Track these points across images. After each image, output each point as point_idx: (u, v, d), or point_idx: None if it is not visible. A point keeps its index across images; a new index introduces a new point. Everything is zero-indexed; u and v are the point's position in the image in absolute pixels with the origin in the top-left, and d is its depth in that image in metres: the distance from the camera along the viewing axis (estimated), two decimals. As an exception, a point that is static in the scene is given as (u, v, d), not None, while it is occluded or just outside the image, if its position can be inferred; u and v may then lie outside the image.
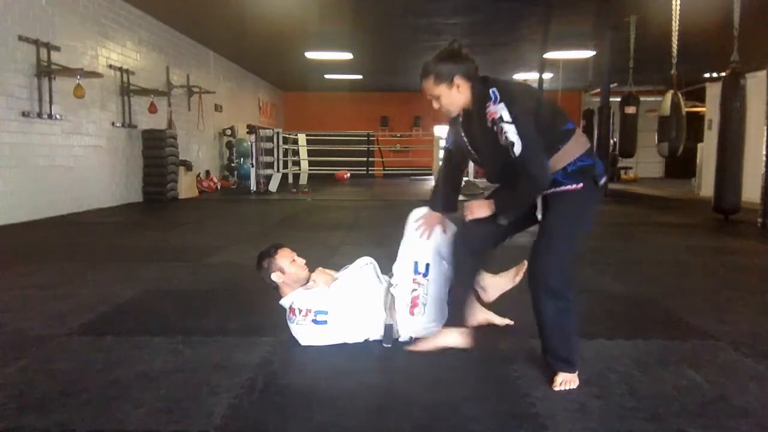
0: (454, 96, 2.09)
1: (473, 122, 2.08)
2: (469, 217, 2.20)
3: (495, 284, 2.61)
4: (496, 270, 2.63)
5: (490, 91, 1.98)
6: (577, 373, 2.05)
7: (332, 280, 2.55)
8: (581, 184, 2.02)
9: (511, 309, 2.78)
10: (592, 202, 2.11)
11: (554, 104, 2.22)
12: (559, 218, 2.06)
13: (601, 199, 2.18)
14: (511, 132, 1.93)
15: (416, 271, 2.41)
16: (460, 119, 2.17)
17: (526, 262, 2.63)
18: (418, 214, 2.48)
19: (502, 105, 1.95)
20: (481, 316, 2.68)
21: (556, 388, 2.00)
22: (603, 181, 2.08)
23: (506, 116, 1.94)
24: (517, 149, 1.93)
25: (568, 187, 2.02)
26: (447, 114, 2.18)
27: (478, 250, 2.29)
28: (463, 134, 2.18)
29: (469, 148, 2.19)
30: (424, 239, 2.41)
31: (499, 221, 2.14)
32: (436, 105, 2.16)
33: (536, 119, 1.98)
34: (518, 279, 2.58)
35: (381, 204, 9.48)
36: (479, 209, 2.17)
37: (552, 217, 2.08)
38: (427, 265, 2.41)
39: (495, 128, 1.97)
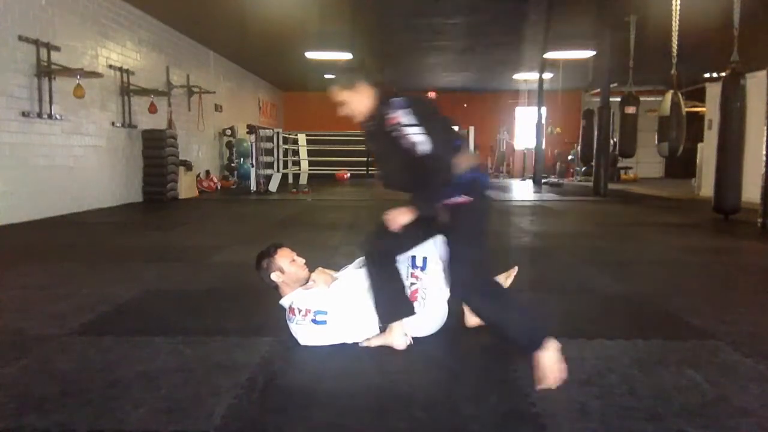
0: (356, 102, 2.25)
1: (374, 127, 2.24)
2: (393, 226, 2.26)
3: None
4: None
5: (393, 99, 2.14)
6: (554, 346, 2.05)
7: (332, 280, 2.55)
8: (471, 198, 2.18)
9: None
10: (483, 211, 2.28)
11: (449, 121, 2.33)
12: (459, 230, 2.20)
13: (489, 208, 2.33)
14: (415, 134, 2.08)
15: (414, 265, 2.42)
16: (367, 124, 2.30)
17: (516, 268, 2.67)
18: None
19: (404, 111, 2.10)
20: None
21: (539, 387, 1.98)
22: (491, 193, 2.27)
23: (409, 120, 2.09)
24: (426, 147, 2.08)
25: (459, 200, 2.17)
26: (354, 118, 2.32)
27: (393, 253, 2.39)
28: (366, 138, 2.36)
29: (371, 150, 2.39)
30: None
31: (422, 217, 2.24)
32: (342, 111, 2.33)
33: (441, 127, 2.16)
34: (509, 281, 2.66)
35: (381, 204, 9.46)
36: (401, 216, 2.25)
37: (452, 230, 2.22)
38: (425, 259, 2.42)
39: (394, 133, 2.10)
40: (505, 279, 2.67)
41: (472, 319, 2.67)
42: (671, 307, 3.08)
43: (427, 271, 2.42)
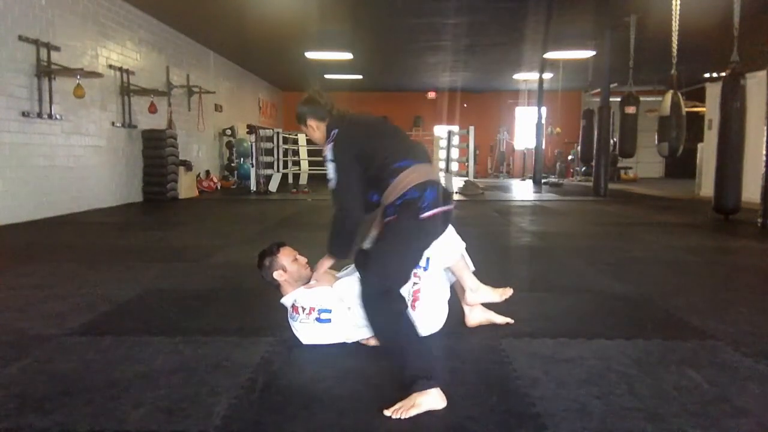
0: (313, 134, 2.43)
1: None
2: (316, 284, 2.44)
3: (483, 292, 2.66)
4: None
5: (332, 132, 2.29)
6: (428, 398, 1.84)
7: (334, 280, 2.55)
8: (395, 215, 2.17)
9: (512, 309, 2.79)
10: (409, 231, 2.17)
11: (398, 143, 2.37)
12: (378, 243, 2.25)
13: (422, 229, 2.18)
14: (330, 169, 2.25)
15: (417, 265, 2.41)
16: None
17: (511, 291, 2.68)
18: None
19: (330, 146, 2.26)
20: (481, 315, 2.69)
21: (386, 412, 1.80)
22: (429, 213, 2.16)
23: (329, 155, 2.26)
24: (332, 184, 2.26)
25: (389, 218, 2.20)
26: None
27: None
28: None
29: None
30: None
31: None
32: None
33: (363, 160, 2.22)
34: (503, 298, 2.68)
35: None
36: (321, 268, 2.45)
37: (378, 241, 2.27)
38: (428, 259, 2.41)
39: (326, 164, 2.28)
40: (501, 294, 2.68)
41: (472, 319, 2.67)
42: (671, 307, 3.08)
43: (430, 270, 2.42)
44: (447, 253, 2.48)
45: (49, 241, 5.36)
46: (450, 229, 2.51)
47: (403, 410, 1.80)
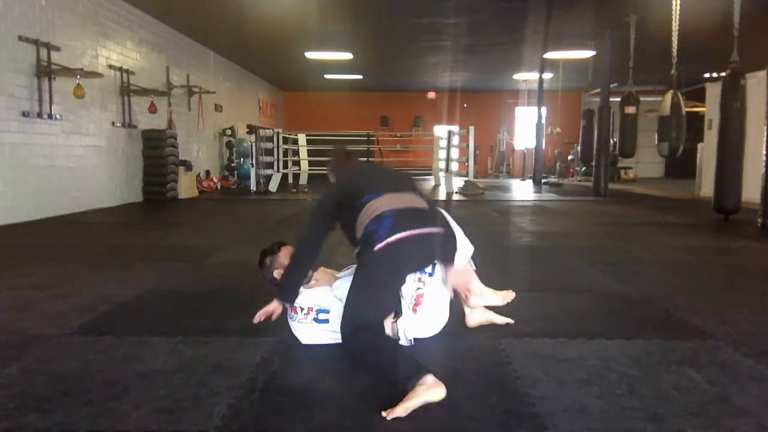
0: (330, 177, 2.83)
1: None
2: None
3: (486, 296, 2.67)
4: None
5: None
6: (421, 395, 1.82)
7: (334, 280, 2.55)
8: (358, 248, 2.29)
9: (512, 309, 2.79)
10: (368, 265, 2.22)
11: (375, 180, 2.50)
12: (354, 277, 2.29)
13: (380, 260, 2.19)
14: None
15: (422, 270, 2.41)
16: None
17: (513, 294, 2.69)
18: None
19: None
20: (481, 315, 2.69)
21: (384, 413, 1.78)
22: (382, 244, 2.16)
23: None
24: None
25: (356, 251, 2.32)
26: None
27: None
28: None
29: None
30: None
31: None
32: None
33: (340, 202, 2.43)
34: (505, 302, 2.68)
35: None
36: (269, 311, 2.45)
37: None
38: (434, 265, 2.41)
39: None
40: (504, 298, 2.68)
41: (473, 320, 2.67)
42: (671, 307, 3.08)
43: (435, 276, 2.42)
44: (463, 250, 2.50)
45: (49, 241, 5.36)
46: (459, 234, 2.52)
47: (401, 410, 1.78)
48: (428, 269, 2.41)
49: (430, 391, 1.83)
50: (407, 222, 2.23)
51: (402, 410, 1.77)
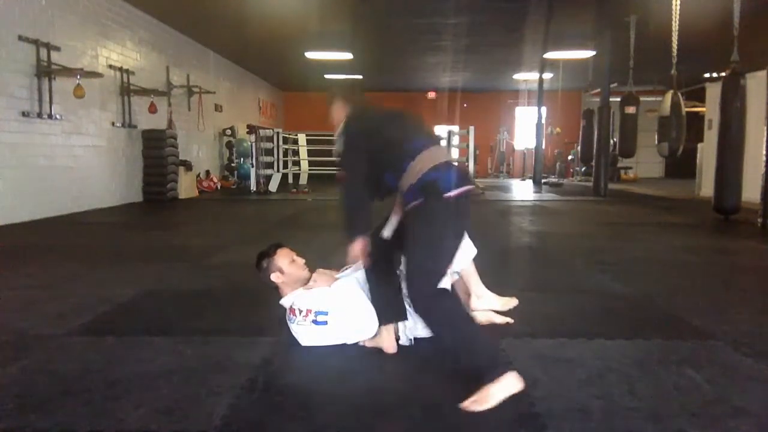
0: (334, 115, 2.47)
1: None
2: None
3: (487, 299, 2.67)
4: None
5: (348, 114, 2.37)
6: (504, 384, 1.87)
7: (333, 281, 2.55)
8: (421, 199, 2.09)
9: (512, 309, 2.79)
10: (437, 214, 2.09)
11: (412, 125, 2.36)
12: (410, 233, 2.14)
13: (449, 209, 2.10)
14: (338, 147, 2.31)
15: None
16: None
17: (516, 301, 2.71)
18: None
19: (342, 126, 2.33)
20: (482, 316, 2.69)
21: (461, 405, 1.83)
22: (452, 193, 2.08)
23: (340, 130, 2.33)
24: (341, 164, 2.30)
25: (413, 203, 2.12)
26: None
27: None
28: None
29: None
30: None
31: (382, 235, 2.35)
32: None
33: (374, 145, 2.22)
34: (506, 308, 2.68)
35: (381, 204, 9.45)
36: (356, 249, 2.31)
37: (406, 234, 2.18)
38: None
39: (336, 146, 2.35)
40: (505, 304, 2.68)
41: (476, 303, 2.66)
42: (671, 307, 3.08)
43: None
44: (459, 258, 2.46)
45: (49, 241, 5.36)
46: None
47: (479, 403, 1.83)
48: None
49: (507, 389, 1.87)
50: (464, 177, 2.20)
51: (479, 405, 1.83)
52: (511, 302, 2.69)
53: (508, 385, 1.87)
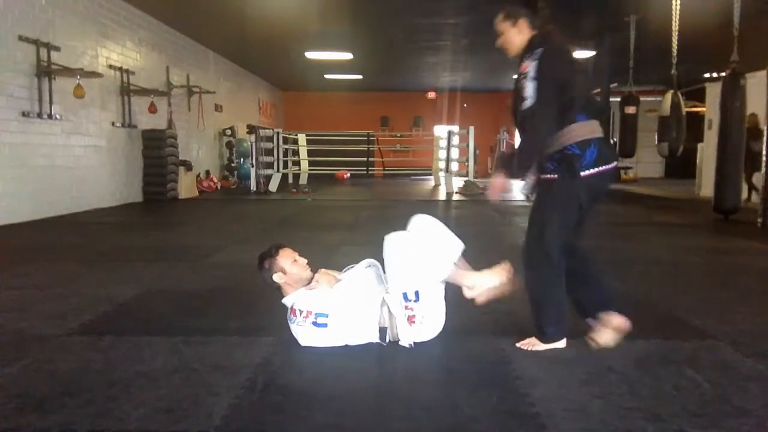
0: (514, 36, 2.33)
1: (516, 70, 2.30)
2: (493, 196, 2.42)
3: (480, 286, 2.52)
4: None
5: (539, 49, 2.19)
6: (551, 345, 2.35)
7: (335, 282, 2.55)
8: (556, 175, 2.24)
9: (512, 309, 2.79)
10: (569, 193, 2.24)
11: (585, 94, 2.39)
12: (538, 204, 2.35)
13: (578, 188, 2.24)
14: (529, 88, 2.16)
15: (407, 299, 2.38)
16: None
17: (509, 266, 2.60)
18: (394, 238, 2.40)
19: (536, 63, 2.16)
20: (485, 294, 2.58)
21: (517, 344, 2.37)
22: (589, 172, 2.19)
23: (532, 73, 2.16)
24: (528, 103, 2.17)
25: (547, 176, 2.27)
26: (506, 53, 2.42)
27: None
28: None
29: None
30: (404, 269, 2.35)
31: (522, 192, 2.44)
32: (498, 42, 2.43)
33: (559, 87, 2.15)
34: (502, 278, 2.52)
35: (381, 204, 9.48)
36: (498, 184, 2.40)
37: (535, 203, 2.37)
38: (417, 292, 2.37)
39: (519, 83, 2.22)
40: (500, 276, 2.57)
41: (479, 301, 2.62)
42: (671, 307, 3.08)
43: (421, 302, 2.39)
44: (438, 273, 2.41)
45: (49, 241, 5.36)
46: (445, 234, 2.46)
47: (530, 345, 2.36)
48: (411, 297, 2.36)
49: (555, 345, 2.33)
50: (607, 155, 2.28)
51: (528, 347, 2.35)
52: (502, 271, 2.52)
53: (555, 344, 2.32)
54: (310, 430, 1.73)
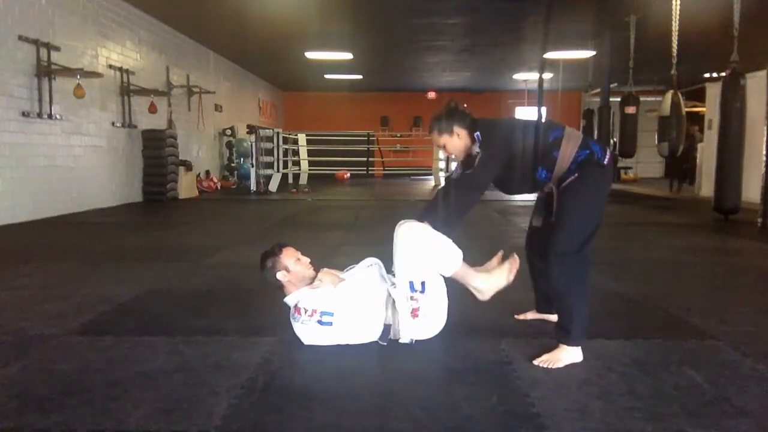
0: (456, 143, 2.52)
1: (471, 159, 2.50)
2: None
3: (489, 288, 2.52)
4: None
5: (475, 135, 2.46)
6: (574, 349, 2.26)
7: (338, 281, 2.55)
8: (577, 174, 2.36)
9: (512, 309, 2.79)
10: (600, 179, 2.40)
11: (541, 122, 2.59)
12: (566, 202, 2.39)
13: (603, 175, 2.41)
14: (476, 161, 2.43)
15: (413, 289, 2.38)
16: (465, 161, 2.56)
17: (516, 258, 2.59)
18: (407, 226, 2.41)
19: (478, 146, 2.44)
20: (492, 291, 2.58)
21: (535, 362, 2.23)
22: (607, 158, 2.39)
23: (481, 155, 2.43)
24: (469, 170, 2.45)
25: (569, 180, 2.37)
26: (455, 158, 2.63)
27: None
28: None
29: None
30: (414, 257, 2.37)
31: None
32: (443, 153, 2.73)
33: (515, 151, 2.42)
34: (512, 275, 2.54)
35: (381, 204, 9.48)
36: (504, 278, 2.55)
37: (560, 204, 2.42)
38: (423, 283, 2.38)
39: (474, 158, 2.47)
40: (508, 273, 2.55)
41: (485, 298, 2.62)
42: (671, 307, 3.08)
43: (426, 294, 2.40)
44: (449, 263, 2.42)
45: (49, 241, 5.36)
46: (445, 241, 2.44)
47: (550, 362, 2.20)
48: (418, 287, 2.38)
49: (571, 357, 2.23)
50: (602, 145, 2.47)
51: (550, 364, 2.20)
52: (512, 268, 2.55)
53: (575, 355, 2.24)
54: (310, 430, 1.73)
